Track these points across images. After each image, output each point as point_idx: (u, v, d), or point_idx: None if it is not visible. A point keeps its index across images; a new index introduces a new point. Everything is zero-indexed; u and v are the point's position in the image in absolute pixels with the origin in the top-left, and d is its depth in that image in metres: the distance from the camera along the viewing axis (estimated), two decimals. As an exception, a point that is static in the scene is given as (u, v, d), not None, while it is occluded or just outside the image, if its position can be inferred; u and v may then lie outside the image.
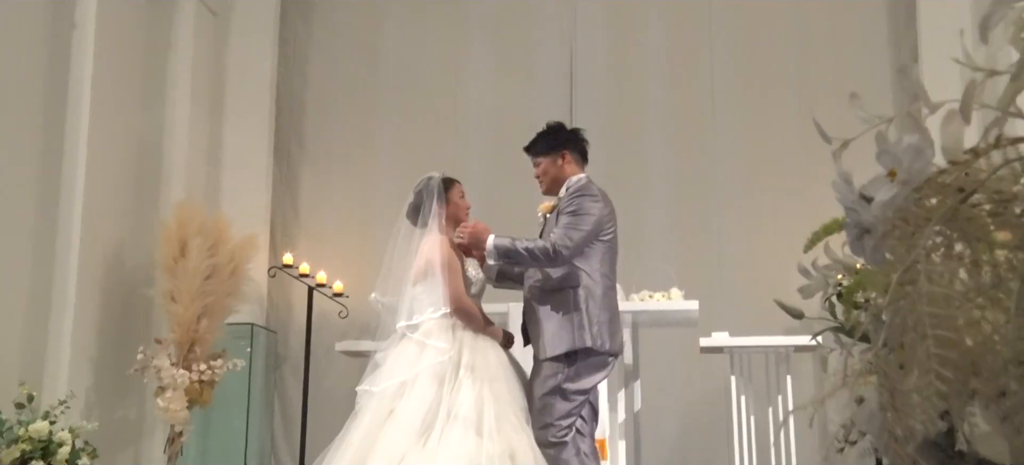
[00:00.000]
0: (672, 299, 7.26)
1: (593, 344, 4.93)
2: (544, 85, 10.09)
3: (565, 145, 5.29)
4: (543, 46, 10.27)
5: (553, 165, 5.29)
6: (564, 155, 5.27)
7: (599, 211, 5.08)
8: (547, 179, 5.32)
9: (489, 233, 5.06)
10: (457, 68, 10.35)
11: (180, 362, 7.81)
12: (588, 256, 5.05)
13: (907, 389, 1.17)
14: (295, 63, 10.56)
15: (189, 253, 7.92)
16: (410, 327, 5.01)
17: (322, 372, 9.59)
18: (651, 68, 10.05)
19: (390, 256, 5.19)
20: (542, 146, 5.32)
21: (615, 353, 5.07)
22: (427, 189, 5.23)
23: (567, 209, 5.07)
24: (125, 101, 8.40)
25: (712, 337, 7.67)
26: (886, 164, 1.32)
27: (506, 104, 9.87)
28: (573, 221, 5.01)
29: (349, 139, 10.35)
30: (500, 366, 4.97)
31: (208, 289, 7.96)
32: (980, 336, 1.17)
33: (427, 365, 4.85)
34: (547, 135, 5.34)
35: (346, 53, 10.56)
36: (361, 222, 9.95)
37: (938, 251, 1.23)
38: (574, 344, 4.94)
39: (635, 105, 10.00)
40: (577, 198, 5.09)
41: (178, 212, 8.17)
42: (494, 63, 10.32)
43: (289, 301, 10.02)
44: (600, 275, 5.06)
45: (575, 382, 4.93)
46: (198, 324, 7.88)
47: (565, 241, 4.94)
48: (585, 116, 9.91)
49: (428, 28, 10.46)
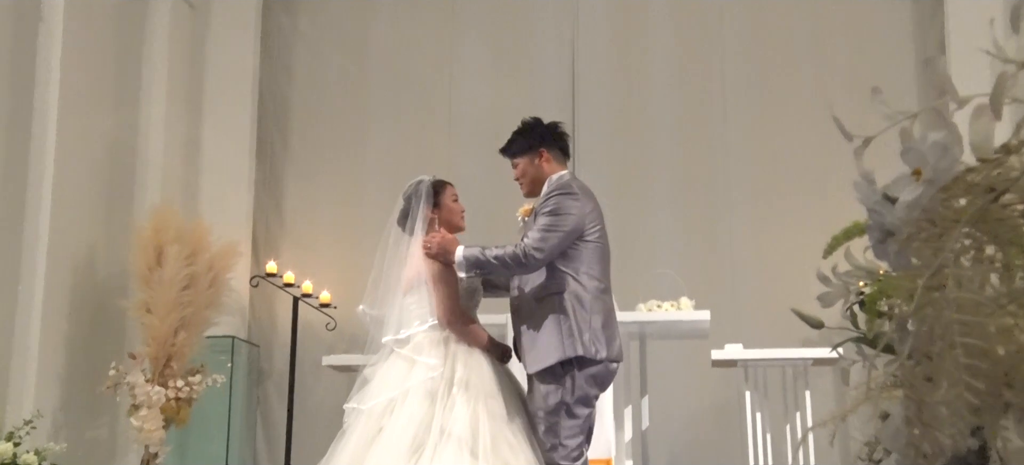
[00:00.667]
0: (681, 309, 7.26)
1: (585, 352, 4.91)
2: (544, 82, 10.10)
3: (542, 142, 5.30)
4: (542, 41, 10.28)
5: (531, 165, 5.30)
6: (542, 153, 5.28)
7: (579, 210, 5.07)
8: (527, 180, 5.34)
9: (457, 244, 5.07)
10: (452, 64, 10.35)
11: (155, 378, 7.80)
12: (573, 258, 5.04)
13: (935, 402, 1.17)
14: (279, 58, 10.56)
15: (165, 261, 7.91)
16: (399, 342, 5.01)
17: (308, 388, 9.58)
18: (658, 63, 10.06)
19: (379, 265, 5.19)
20: (518, 146, 5.34)
21: (614, 360, 5.06)
22: (416, 193, 5.24)
23: (544, 210, 5.07)
24: (96, 99, 8.39)
25: (725, 349, 7.67)
26: (911, 162, 1.32)
27: (503, 102, 9.86)
28: (549, 223, 5.01)
29: (337, 139, 10.35)
30: (497, 382, 4.96)
31: (186, 300, 7.95)
32: (1013, 345, 1.17)
33: (418, 381, 4.85)
34: (522, 134, 5.36)
35: (333, 48, 10.56)
36: (349, 228, 9.95)
37: (967, 254, 1.23)
38: (565, 353, 4.91)
39: (641, 102, 10.01)
40: (555, 197, 5.09)
41: (154, 217, 8.17)
42: (491, 58, 10.33)
43: (273, 313, 10.01)
44: (588, 278, 5.05)
45: (576, 394, 4.92)
46: (175, 337, 7.88)
47: (538, 245, 4.94)
48: (588, 114, 9.94)
49: (421, 21, 10.47)
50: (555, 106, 9.91)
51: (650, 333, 7.50)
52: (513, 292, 5.24)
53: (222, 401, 8.93)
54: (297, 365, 9.41)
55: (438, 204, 5.25)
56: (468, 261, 5.02)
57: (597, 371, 4.98)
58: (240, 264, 9.02)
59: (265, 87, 10.36)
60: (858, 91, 8.38)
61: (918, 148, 1.30)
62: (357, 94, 10.42)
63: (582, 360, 4.92)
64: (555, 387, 4.93)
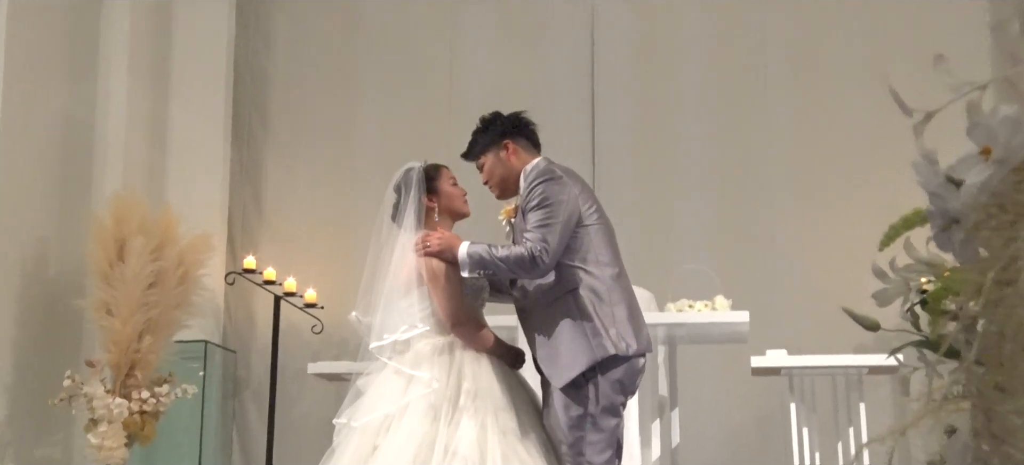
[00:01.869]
0: (717, 309, 7.25)
1: (616, 350, 4.91)
2: (557, 55, 10.09)
3: (504, 134, 5.31)
4: (556, 6, 10.26)
5: (498, 161, 5.30)
6: (507, 145, 5.28)
7: (568, 193, 5.07)
8: (495, 180, 5.34)
9: (460, 240, 5.07)
10: (453, 32, 10.35)
11: (117, 389, 7.82)
12: (577, 248, 5.04)
13: (1006, 412, 1.17)
14: (257, 27, 10.57)
15: (128, 256, 7.93)
16: (396, 348, 5.01)
17: (291, 399, 9.61)
18: (690, 29, 10.04)
19: (372, 265, 5.20)
20: (479, 145, 5.35)
21: (643, 352, 5.06)
22: (406, 183, 5.23)
23: (530, 204, 5.05)
24: (48, 72, 8.41)
25: (767, 356, 7.66)
26: (979, 140, 1.31)
27: (512, 76, 9.86)
28: (543, 216, 4.99)
29: (323, 118, 10.35)
30: (508, 392, 4.96)
31: (152, 300, 7.97)
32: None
33: (419, 394, 4.85)
34: (481, 131, 5.37)
35: (319, 15, 10.56)
36: (338, 218, 9.96)
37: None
38: (594, 356, 4.91)
39: (670, 75, 9.99)
40: (538, 186, 5.08)
41: (115, 206, 8.17)
42: (498, 26, 10.32)
43: (251, 314, 10.03)
44: (599, 265, 5.05)
45: (601, 403, 4.92)
46: (139, 342, 7.89)
47: (542, 244, 4.92)
48: (609, 90, 9.93)
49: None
50: (570, 80, 9.92)
51: (681, 337, 7.49)
52: (516, 294, 5.24)
53: (193, 414, 8.95)
54: (279, 373, 9.42)
55: (435, 191, 5.24)
56: (473, 259, 5.01)
57: (627, 369, 4.97)
58: (214, 259, 9.03)
59: (241, 58, 10.36)
60: (919, 59, 8.35)
61: (987, 123, 1.30)
62: (346, 67, 10.41)
63: (605, 362, 4.92)
64: (576, 397, 4.93)
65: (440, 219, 5.22)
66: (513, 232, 5.30)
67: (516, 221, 5.26)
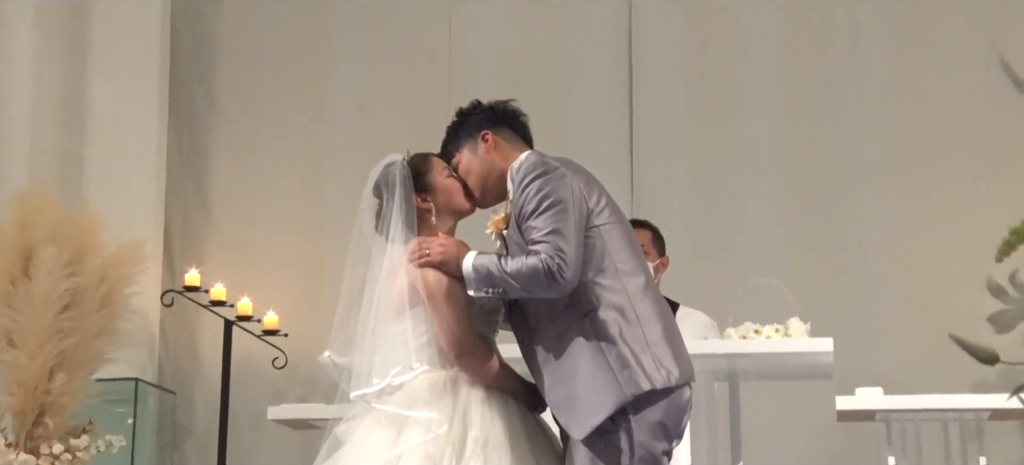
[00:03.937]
0: (792, 336, 7.24)
1: (652, 383, 4.83)
2: (586, 15, 10.06)
3: (483, 125, 5.27)
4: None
5: (475, 157, 5.23)
6: (485, 137, 5.23)
7: (570, 187, 4.99)
8: (474, 178, 5.25)
9: (467, 249, 5.01)
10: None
11: (21, 442, 7.83)
12: (589, 258, 4.94)
13: None
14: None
15: (36, 270, 7.93)
16: (383, 394, 5.00)
17: (247, 451, 9.65)
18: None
19: (349, 290, 5.18)
20: (454, 139, 5.32)
21: (688, 381, 4.98)
22: (387, 181, 5.20)
23: (527, 207, 4.95)
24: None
25: (856, 395, 7.66)
26: None
27: (525, 42, 9.87)
28: (547, 219, 4.91)
29: (287, 94, 10.39)
30: (526, 441, 4.96)
31: (67, 326, 7.96)
32: None
33: (413, 443, 4.85)
34: (456, 125, 5.34)
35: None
36: (306, 220, 10.00)
37: None
38: (624, 394, 4.80)
39: (728, 42, 10.01)
40: (532, 184, 4.99)
41: (18, 206, 8.18)
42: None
43: (194, 344, 10.07)
44: (621, 276, 4.98)
45: (636, 455, 4.87)
46: (50, 381, 7.89)
47: (558, 255, 4.82)
48: (649, 64, 9.94)
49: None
50: (600, 46, 9.90)
51: (745, 370, 7.47)
52: (517, 327, 5.19)
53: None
54: (230, 418, 9.46)
55: (427, 187, 5.20)
56: (480, 274, 4.93)
57: (664, 412, 4.89)
58: (146, 273, 9.01)
59: (180, 17, 10.39)
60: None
61: None
62: (317, 29, 10.45)
63: (638, 401, 4.85)
64: (604, 451, 4.89)
65: (439, 221, 5.18)
66: (506, 247, 5.21)
67: (508, 233, 5.18)
